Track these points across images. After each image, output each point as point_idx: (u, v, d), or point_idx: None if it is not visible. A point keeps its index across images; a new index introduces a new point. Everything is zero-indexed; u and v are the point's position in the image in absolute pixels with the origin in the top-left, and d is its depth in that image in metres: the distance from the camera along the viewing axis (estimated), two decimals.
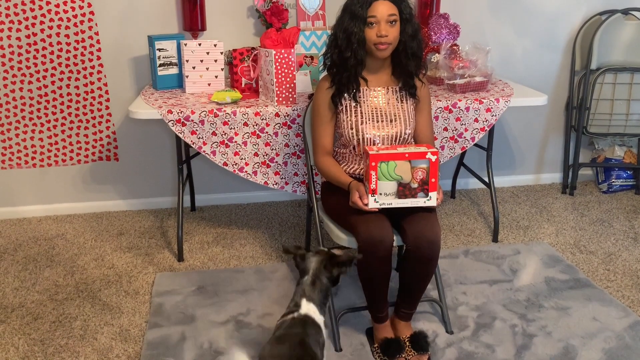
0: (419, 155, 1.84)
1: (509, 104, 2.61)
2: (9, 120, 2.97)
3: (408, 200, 1.87)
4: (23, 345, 2.10)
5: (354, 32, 1.96)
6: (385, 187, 1.85)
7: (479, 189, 3.51)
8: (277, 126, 2.45)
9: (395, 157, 1.83)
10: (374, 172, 1.83)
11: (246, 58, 2.62)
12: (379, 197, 1.86)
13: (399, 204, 1.88)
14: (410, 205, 1.88)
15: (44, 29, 2.83)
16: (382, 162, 1.83)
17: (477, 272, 2.56)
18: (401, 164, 1.84)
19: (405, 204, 1.88)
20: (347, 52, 1.99)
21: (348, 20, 1.97)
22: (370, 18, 1.94)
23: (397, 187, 1.86)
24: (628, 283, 2.49)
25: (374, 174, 1.83)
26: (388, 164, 1.83)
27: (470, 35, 3.06)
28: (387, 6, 1.94)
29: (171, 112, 2.37)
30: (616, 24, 3.20)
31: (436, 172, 1.85)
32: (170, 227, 3.02)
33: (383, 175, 1.84)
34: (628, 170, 3.45)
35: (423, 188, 1.87)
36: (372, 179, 1.84)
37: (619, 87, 3.25)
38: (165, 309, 2.29)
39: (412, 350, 2.00)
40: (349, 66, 2.01)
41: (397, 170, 1.84)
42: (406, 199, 1.87)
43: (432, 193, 1.87)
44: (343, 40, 1.98)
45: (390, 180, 1.85)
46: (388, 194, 1.86)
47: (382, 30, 1.94)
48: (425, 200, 1.88)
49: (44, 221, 3.11)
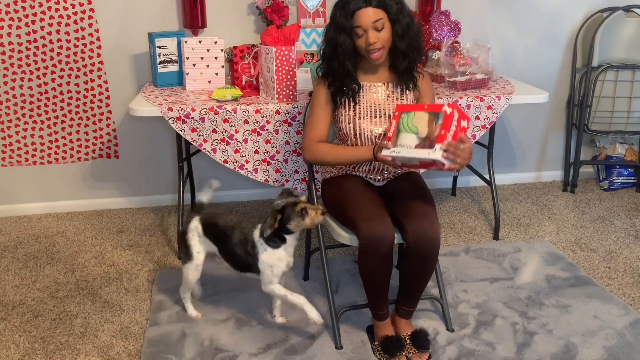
0: (437, 107, 1.80)
1: (510, 102, 2.60)
2: (9, 117, 2.96)
3: (416, 151, 1.79)
4: (24, 343, 2.10)
5: (339, 44, 1.95)
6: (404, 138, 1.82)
7: (479, 187, 3.51)
8: (277, 123, 2.45)
9: (416, 108, 1.85)
10: (395, 120, 1.84)
11: (247, 55, 2.62)
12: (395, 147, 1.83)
13: (405, 152, 1.80)
14: (414, 155, 1.79)
15: (44, 27, 2.83)
16: (404, 112, 1.83)
17: (478, 269, 2.56)
18: (420, 115, 1.81)
19: (412, 153, 1.79)
20: (334, 63, 2.00)
21: (333, 32, 1.97)
22: (356, 28, 1.93)
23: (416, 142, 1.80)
24: (629, 281, 2.49)
25: (394, 122, 1.84)
26: (409, 115, 1.82)
27: (471, 32, 3.05)
28: (371, 12, 1.91)
29: (171, 110, 2.37)
30: (618, 21, 3.19)
31: (449, 124, 1.75)
32: (170, 225, 3.02)
33: (402, 126, 1.83)
34: (629, 167, 3.44)
35: (433, 141, 1.77)
36: (390, 128, 1.85)
37: (620, 85, 3.24)
38: (165, 306, 2.29)
39: (413, 348, 2.00)
40: (338, 75, 2.01)
41: (415, 121, 1.81)
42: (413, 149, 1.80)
43: (437, 145, 1.75)
44: (330, 52, 2.00)
45: (408, 132, 1.81)
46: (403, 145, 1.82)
47: (370, 38, 1.92)
48: (430, 152, 1.76)
49: (44, 219, 3.11)
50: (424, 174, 2.42)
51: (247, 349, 2.04)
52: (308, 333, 2.13)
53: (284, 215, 1.90)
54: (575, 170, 3.43)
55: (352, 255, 2.68)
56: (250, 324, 2.19)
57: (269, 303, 2.30)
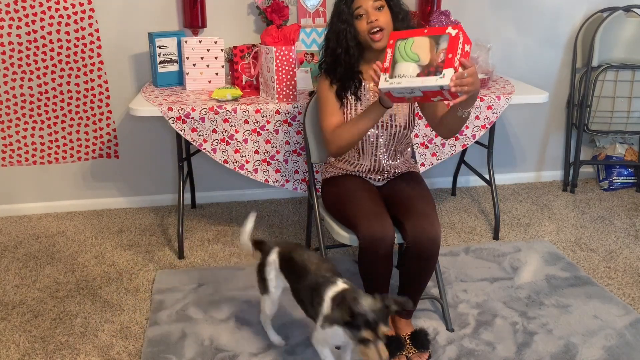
0: (439, 30, 1.62)
1: (510, 102, 2.60)
2: (9, 117, 2.96)
3: (419, 79, 1.61)
4: (24, 343, 2.10)
5: (342, 29, 1.98)
6: (403, 68, 1.64)
7: (479, 187, 3.51)
8: (277, 123, 2.45)
9: (415, 34, 1.65)
10: (390, 49, 1.66)
11: (247, 55, 2.62)
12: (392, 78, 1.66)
13: (408, 82, 1.62)
14: (420, 84, 1.61)
15: (44, 26, 2.83)
16: (400, 40, 1.65)
17: (478, 269, 2.56)
18: (419, 40, 1.62)
19: (414, 82, 1.62)
20: (338, 50, 2.01)
21: (336, 21, 2.00)
22: (357, 10, 1.95)
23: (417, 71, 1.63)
24: (629, 281, 2.49)
25: (390, 51, 1.66)
26: (406, 42, 1.64)
27: (471, 32, 3.02)
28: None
29: (171, 110, 2.37)
30: (617, 21, 3.19)
31: (455, 47, 1.58)
32: (170, 225, 3.02)
33: (400, 55, 1.64)
34: (629, 167, 3.44)
35: (438, 67, 1.60)
36: (386, 57, 1.67)
37: (620, 85, 3.24)
38: (165, 306, 2.29)
39: (413, 348, 2.00)
40: (341, 61, 2.02)
41: (414, 47, 1.63)
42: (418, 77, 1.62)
43: (445, 70, 1.57)
44: (334, 41, 2.01)
45: (407, 61, 1.64)
46: (403, 75, 1.64)
47: (370, 16, 1.94)
48: (438, 79, 1.58)
49: (44, 218, 3.11)
50: (424, 174, 2.42)
51: (247, 349, 2.04)
52: (308, 333, 2.13)
53: (353, 326, 1.59)
54: (575, 170, 3.43)
55: (352, 255, 2.68)
56: (250, 324, 2.19)
57: None
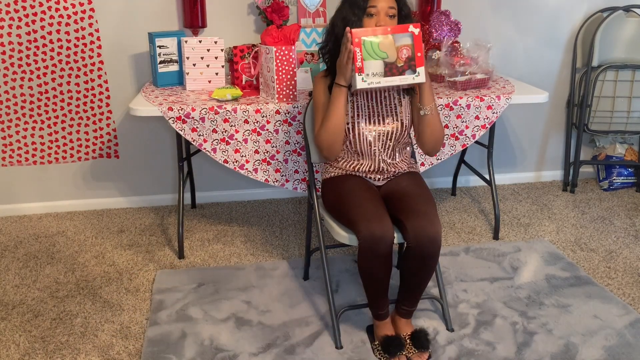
0: (401, 28, 1.80)
1: (510, 101, 2.60)
2: (9, 117, 2.96)
3: (396, 78, 1.81)
4: (24, 343, 2.10)
5: (352, 21, 1.96)
6: (372, 66, 1.80)
7: (479, 187, 3.51)
8: (277, 123, 2.45)
9: (377, 32, 1.81)
10: (358, 48, 1.79)
11: (247, 55, 2.62)
12: (367, 77, 1.80)
13: (387, 82, 1.82)
14: (399, 83, 1.83)
15: (44, 26, 2.83)
16: (366, 39, 1.79)
17: (478, 269, 2.56)
18: (384, 40, 1.79)
19: (393, 82, 1.82)
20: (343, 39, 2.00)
21: (347, 9, 1.98)
22: (370, 8, 1.95)
23: (384, 68, 1.81)
24: (629, 281, 2.49)
25: (358, 50, 1.79)
26: (372, 42, 1.78)
27: (471, 32, 3.05)
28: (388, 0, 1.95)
29: (172, 110, 2.37)
30: (617, 21, 3.19)
31: (421, 46, 1.80)
32: (170, 225, 3.02)
33: (368, 53, 1.79)
34: (629, 167, 3.44)
35: (410, 64, 1.81)
36: (357, 57, 1.79)
37: (620, 85, 3.24)
38: (165, 306, 2.29)
39: (413, 348, 2.00)
40: None
41: (382, 46, 1.79)
42: (394, 76, 1.81)
43: (419, 69, 1.81)
44: (340, 28, 1.99)
45: (376, 59, 1.80)
46: (375, 74, 1.80)
47: (381, 21, 1.94)
48: (414, 77, 1.81)
49: (44, 218, 3.11)
50: (424, 174, 2.42)
51: (247, 348, 2.04)
52: (308, 333, 2.13)
53: None
54: (575, 170, 3.43)
55: (352, 255, 2.68)
56: (250, 324, 2.19)
57: (268, 302, 2.30)
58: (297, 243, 2.81)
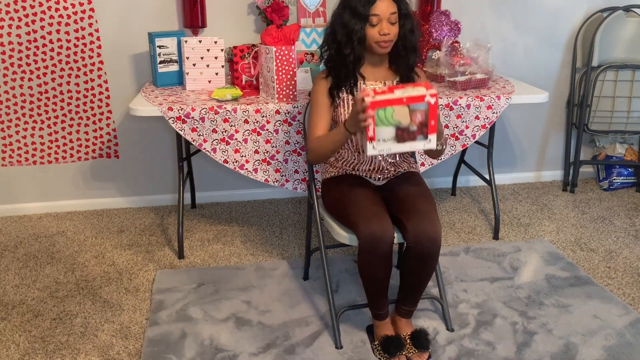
0: (418, 99, 1.74)
1: (510, 101, 2.60)
2: (9, 117, 2.96)
3: (407, 145, 1.78)
4: (24, 343, 2.10)
5: (355, 30, 1.95)
6: (384, 132, 1.76)
7: (479, 187, 3.51)
8: (277, 123, 2.45)
9: (394, 103, 1.75)
10: (371, 121, 1.75)
11: (247, 55, 2.62)
12: (378, 143, 1.77)
13: (398, 148, 1.79)
14: (409, 149, 1.80)
15: (44, 26, 2.83)
16: (380, 109, 1.75)
17: (478, 269, 2.56)
18: (399, 109, 1.74)
19: (404, 148, 1.79)
20: (346, 49, 1.99)
21: (349, 17, 1.96)
22: (372, 17, 1.94)
23: (396, 132, 1.76)
24: (629, 280, 2.49)
25: (372, 122, 1.75)
26: (386, 110, 1.75)
27: (471, 32, 3.05)
28: (389, 4, 1.94)
29: (171, 109, 2.37)
30: (617, 21, 3.19)
31: (435, 114, 1.76)
32: (170, 225, 3.02)
33: (381, 121, 1.74)
34: (629, 167, 3.44)
35: (422, 131, 1.77)
36: (369, 128, 1.76)
37: (620, 85, 3.24)
38: (165, 306, 2.29)
39: (413, 348, 2.00)
40: (347, 63, 2.01)
41: (396, 115, 1.74)
42: (405, 142, 1.78)
43: (431, 135, 1.78)
44: (343, 36, 1.98)
45: (388, 126, 1.75)
46: (387, 140, 1.77)
47: (384, 28, 1.94)
48: (425, 144, 1.78)
49: (44, 218, 3.11)
50: (424, 174, 2.42)
51: (247, 348, 2.04)
52: (308, 333, 2.13)
53: None
54: (575, 170, 3.43)
55: (352, 255, 2.68)
56: (250, 324, 2.19)
57: (268, 302, 2.30)
58: (297, 243, 2.81)
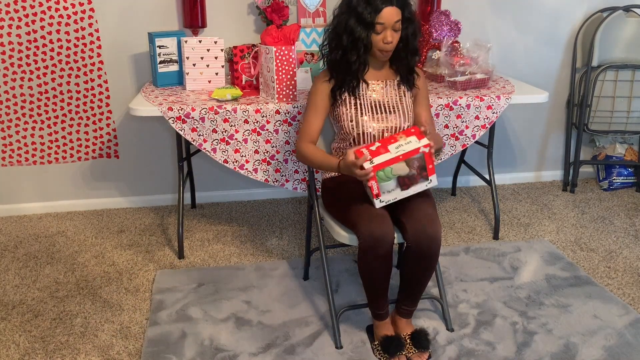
0: (413, 152, 1.85)
1: (510, 101, 2.60)
2: (9, 117, 2.96)
3: (411, 189, 1.90)
4: (24, 343, 2.10)
5: (362, 38, 1.96)
6: (387, 186, 1.88)
7: (479, 187, 3.51)
8: (277, 123, 2.45)
9: (391, 162, 1.85)
10: (374, 182, 1.86)
11: (247, 55, 2.62)
12: (383, 196, 1.89)
13: (403, 195, 1.90)
14: (413, 192, 1.91)
15: (44, 26, 2.83)
16: (380, 170, 1.85)
17: (478, 269, 2.56)
18: (397, 165, 1.86)
19: (409, 192, 1.90)
20: (352, 56, 2.00)
21: (354, 23, 1.95)
22: (378, 25, 1.94)
23: (397, 181, 1.88)
24: (629, 280, 2.49)
25: (374, 182, 1.86)
26: (384, 170, 1.85)
27: (471, 32, 3.05)
28: (394, 12, 1.94)
29: (171, 109, 2.37)
30: (617, 21, 3.19)
31: (432, 160, 1.88)
32: (170, 225, 3.02)
33: (381, 179, 1.86)
34: (629, 167, 3.44)
35: (422, 175, 1.89)
36: (373, 188, 1.87)
37: (620, 85, 3.24)
38: (165, 306, 2.29)
39: (413, 348, 2.00)
40: (352, 70, 2.02)
41: (395, 171, 1.86)
42: (409, 188, 1.90)
43: (431, 177, 1.90)
44: (349, 43, 1.98)
45: (389, 181, 1.87)
46: (390, 191, 1.89)
47: (388, 37, 1.96)
48: (427, 184, 1.91)
49: (44, 218, 3.11)
50: None
51: (247, 348, 2.04)
52: (308, 333, 2.13)
53: None
54: (575, 170, 3.43)
55: (352, 255, 2.68)
56: (250, 324, 2.19)
57: (268, 302, 2.30)
58: (297, 243, 2.81)
